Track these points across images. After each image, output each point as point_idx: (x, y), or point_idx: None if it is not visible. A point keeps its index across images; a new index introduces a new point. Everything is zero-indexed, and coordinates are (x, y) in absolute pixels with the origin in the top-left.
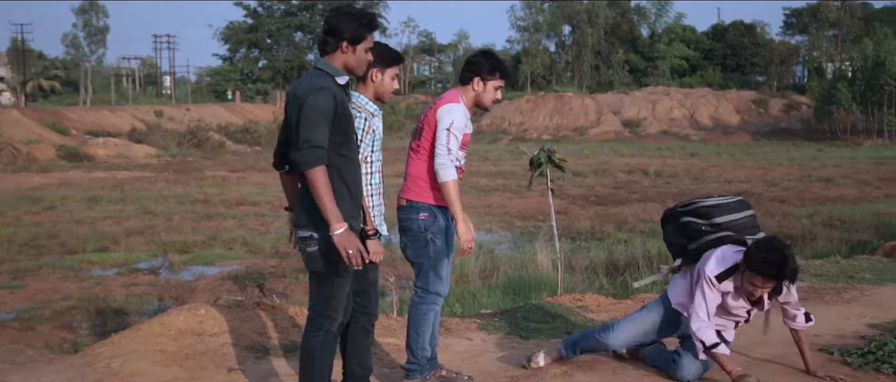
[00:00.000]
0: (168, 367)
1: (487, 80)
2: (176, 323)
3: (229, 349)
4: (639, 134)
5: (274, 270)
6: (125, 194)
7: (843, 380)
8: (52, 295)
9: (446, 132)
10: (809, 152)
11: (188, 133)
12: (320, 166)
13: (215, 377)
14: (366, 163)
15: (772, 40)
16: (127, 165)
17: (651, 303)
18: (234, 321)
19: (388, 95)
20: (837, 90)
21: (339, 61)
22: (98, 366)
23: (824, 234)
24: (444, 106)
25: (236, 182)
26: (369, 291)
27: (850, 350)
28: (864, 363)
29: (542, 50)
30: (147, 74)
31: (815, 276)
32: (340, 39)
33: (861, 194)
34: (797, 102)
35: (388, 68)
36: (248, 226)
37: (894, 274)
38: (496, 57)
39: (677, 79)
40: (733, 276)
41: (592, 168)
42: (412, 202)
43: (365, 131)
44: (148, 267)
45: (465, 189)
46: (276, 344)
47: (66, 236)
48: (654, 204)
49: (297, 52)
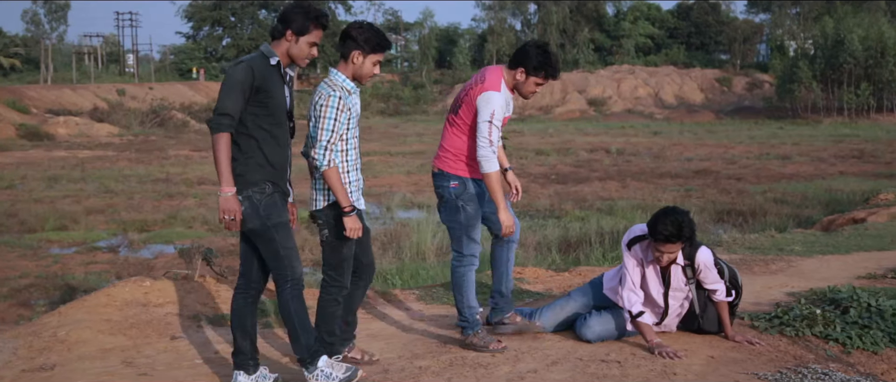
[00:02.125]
0: (113, 336)
1: (531, 75)
2: (122, 294)
3: (173, 318)
4: (604, 113)
5: (234, 248)
6: (86, 173)
7: (758, 343)
8: (9, 273)
9: (488, 125)
10: (770, 131)
11: (151, 112)
12: (223, 133)
13: (158, 344)
14: (342, 140)
15: (736, 19)
16: (88, 144)
17: (576, 291)
18: (178, 293)
19: (367, 79)
20: (798, 68)
21: (282, 48)
22: (45, 335)
23: (775, 209)
24: (484, 94)
25: (199, 161)
26: (341, 265)
27: (759, 315)
28: (770, 326)
29: (508, 28)
30: (110, 53)
31: (748, 249)
32: (287, 28)
33: (816, 172)
34: (760, 81)
35: (372, 54)
36: (208, 205)
37: (823, 247)
38: (549, 54)
39: (642, 57)
40: (641, 244)
41: (555, 147)
42: (443, 172)
43: (339, 109)
44: (107, 246)
45: (428, 168)
46: (217, 314)
47: (25, 214)
48: (613, 182)
49: (261, 30)
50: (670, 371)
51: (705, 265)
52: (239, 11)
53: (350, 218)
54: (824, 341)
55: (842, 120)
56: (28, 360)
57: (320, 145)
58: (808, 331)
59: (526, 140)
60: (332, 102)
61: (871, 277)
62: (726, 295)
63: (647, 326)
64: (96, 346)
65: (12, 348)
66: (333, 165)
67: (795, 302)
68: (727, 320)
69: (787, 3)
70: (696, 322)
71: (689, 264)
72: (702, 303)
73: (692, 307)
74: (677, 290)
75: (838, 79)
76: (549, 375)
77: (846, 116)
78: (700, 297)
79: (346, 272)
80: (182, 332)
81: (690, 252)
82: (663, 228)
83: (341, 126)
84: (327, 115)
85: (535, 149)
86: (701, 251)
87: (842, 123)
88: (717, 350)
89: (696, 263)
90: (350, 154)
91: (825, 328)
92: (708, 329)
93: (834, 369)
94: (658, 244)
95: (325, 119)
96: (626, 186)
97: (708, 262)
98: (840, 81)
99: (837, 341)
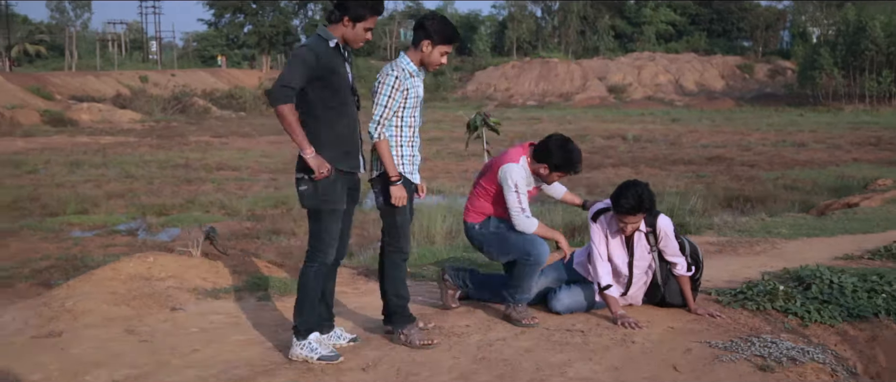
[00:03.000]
0: (117, 306)
1: (553, 171)
2: (126, 269)
3: (174, 291)
4: (624, 100)
5: (248, 231)
6: (107, 158)
7: (718, 315)
8: (31, 255)
9: (515, 195)
10: (790, 118)
11: (173, 99)
12: (287, 104)
13: (158, 315)
14: (397, 117)
15: (758, 5)
16: (110, 130)
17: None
18: (180, 268)
19: (433, 66)
20: (820, 55)
21: (339, 32)
22: (54, 305)
23: (785, 196)
24: (504, 167)
25: (219, 147)
26: (396, 230)
27: (724, 290)
28: (734, 300)
29: (528, 15)
30: (133, 40)
31: (738, 231)
32: (344, 14)
33: (830, 158)
34: (782, 68)
35: (441, 45)
36: (226, 190)
37: (809, 230)
38: (571, 152)
39: (663, 44)
40: (606, 216)
41: (571, 133)
42: (468, 223)
43: (394, 87)
44: (126, 229)
45: (444, 155)
46: (216, 287)
47: (47, 198)
48: (626, 168)
49: (282, 17)
50: (629, 340)
51: (665, 232)
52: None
53: (395, 187)
54: (784, 315)
55: (863, 107)
56: (38, 328)
57: (374, 119)
58: (769, 305)
59: (544, 127)
60: (390, 80)
61: (847, 257)
62: (686, 270)
63: (614, 298)
64: (101, 316)
65: (24, 317)
66: (384, 138)
67: (761, 279)
68: (689, 293)
69: None
70: (659, 293)
71: (650, 230)
72: (664, 275)
73: (655, 278)
74: (641, 258)
75: (860, 66)
76: (516, 343)
77: (868, 103)
78: (662, 269)
79: (402, 237)
80: (181, 304)
81: (651, 220)
82: (625, 201)
83: (395, 103)
84: (383, 91)
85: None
86: (661, 217)
87: (863, 111)
88: (677, 322)
89: (657, 228)
90: (404, 131)
91: (786, 303)
92: (671, 301)
93: (784, 339)
94: (621, 216)
95: (381, 95)
96: (638, 172)
97: (667, 228)
98: (862, 68)
99: (796, 314)
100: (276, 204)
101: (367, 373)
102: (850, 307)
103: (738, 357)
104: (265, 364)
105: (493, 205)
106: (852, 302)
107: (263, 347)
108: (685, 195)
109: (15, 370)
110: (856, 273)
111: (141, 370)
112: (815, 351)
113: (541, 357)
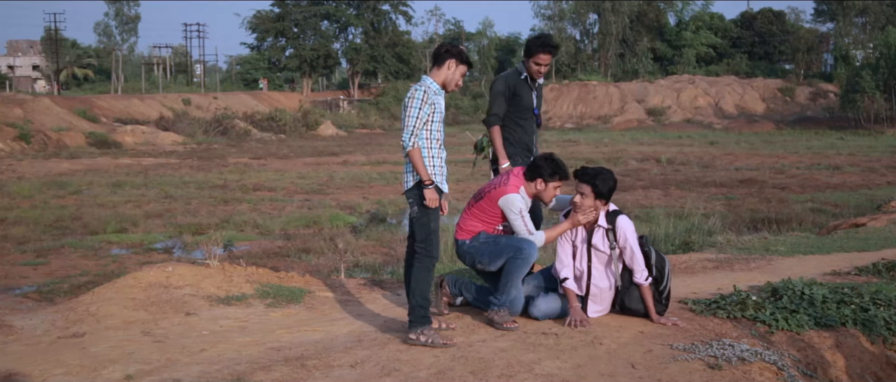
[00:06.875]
0: (136, 311)
1: (549, 181)
2: (147, 278)
3: (189, 298)
4: (662, 122)
5: (279, 250)
6: (148, 179)
7: (677, 323)
8: (71, 271)
9: (520, 220)
10: (830, 141)
11: (214, 121)
12: (496, 125)
13: (173, 319)
14: (426, 129)
15: (801, 28)
16: (153, 152)
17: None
18: (196, 277)
19: (452, 86)
20: (862, 78)
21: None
22: (79, 309)
23: (811, 218)
24: (504, 197)
25: (257, 169)
26: (428, 236)
27: (699, 300)
28: (707, 309)
29: (567, 38)
30: (178, 63)
31: (738, 249)
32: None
33: (863, 182)
34: (824, 90)
35: (462, 65)
36: (261, 210)
37: (807, 248)
38: (556, 162)
39: (703, 67)
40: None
41: (606, 156)
42: (458, 240)
43: (423, 101)
44: (162, 247)
45: (469, 172)
46: (229, 295)
47: (88, 218)
48: (657, 191)
49: (323, 41)
50: (598, 342)
51: (624, 232)
52: (301, 23)
53: (428, 190)
54: (753, 322)
55: None
56: (63, 329)
57: (406, 130)
58: (740, 314)
59: (580, 149)
60: (418, 94)
61: (834, 273)
62: (644, 279)
63: (571, 291)
64: (121, 319)
65: (52, 320)
66: (416, 146)
67: (736, 290)
68: (650, 303)
69: (852, 12)
70: (619, 297)
71: (610, 228)
72: (626, 280)
73: (617, 280)
74: (600, 252)
75: None
76: (494, 344)
77: None
78: (624, 274)
79: (434, 244)
80: (195, 310)
81: (612, 218)
82: (580, 177)
83: (425, 115)
84: (413, 105)
85: (586, 158)
86: (621, 217)
87: None
88: (648, 328)
89: (616, 226)
90: (433, 143)
91: (755, 312)
92: (631, 307)
93: (743, 342)
94: (576, 190)
95: (411, 108)
96: (668, 194)
97: (627, 229)
98: None
99: (764, 322)
100: (308, 224)
101: (355, 369)
102: (818, 317)
103: (692, 357)
104: (264, 361)
105: (483, 225)
106: (821, 312)
107: (266, 347)
108: (706, 216)
109: (40, 365)
110: (829, 286)
111: (152, 366)
112: (767, 353)
113: (513, 356)
